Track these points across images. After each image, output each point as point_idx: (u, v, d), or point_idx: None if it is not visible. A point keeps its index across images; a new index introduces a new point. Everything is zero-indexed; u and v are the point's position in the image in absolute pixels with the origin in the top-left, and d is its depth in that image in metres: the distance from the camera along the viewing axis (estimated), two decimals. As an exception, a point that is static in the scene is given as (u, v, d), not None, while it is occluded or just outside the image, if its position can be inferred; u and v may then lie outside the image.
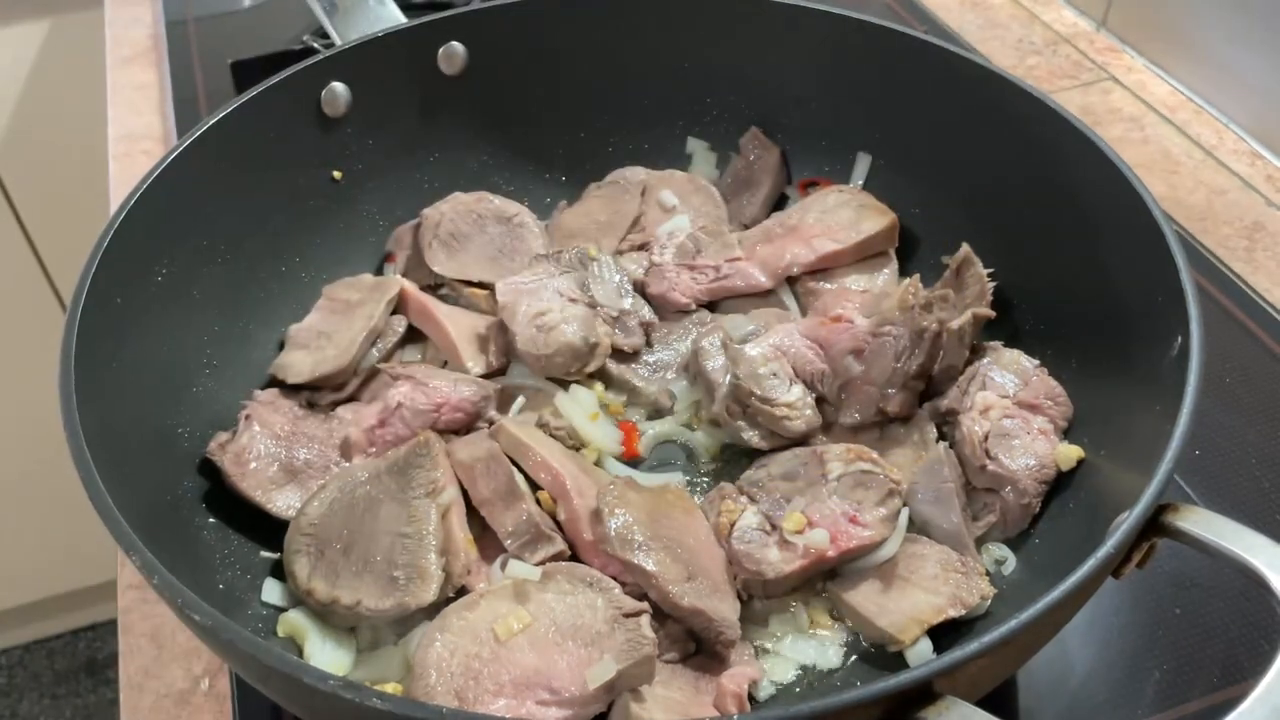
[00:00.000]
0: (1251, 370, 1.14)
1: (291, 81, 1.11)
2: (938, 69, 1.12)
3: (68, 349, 0.82)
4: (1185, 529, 0.70)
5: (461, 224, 1.18)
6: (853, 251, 1.15)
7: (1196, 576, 0.95)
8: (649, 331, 1.11)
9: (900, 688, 0.60)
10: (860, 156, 1.24)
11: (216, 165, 1.05)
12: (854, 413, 1.01)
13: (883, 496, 0.91)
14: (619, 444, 1.04)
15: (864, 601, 0.88)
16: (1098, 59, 1.61)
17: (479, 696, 0.78)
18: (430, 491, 0.90)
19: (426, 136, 1.24)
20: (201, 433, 0.97)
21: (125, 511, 0.72)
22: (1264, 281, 1.24)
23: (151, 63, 1.70)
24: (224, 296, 1.06)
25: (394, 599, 0.85)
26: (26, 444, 2.44)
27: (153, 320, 0.96)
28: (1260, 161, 1.41)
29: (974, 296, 1.03)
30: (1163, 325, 0.85)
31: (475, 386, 1.01)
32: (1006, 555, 0.92)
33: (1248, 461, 1.05)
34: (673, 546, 0.88)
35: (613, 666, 0.78)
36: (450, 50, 1.22)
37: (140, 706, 0.92)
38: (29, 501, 2.56)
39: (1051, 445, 0.93)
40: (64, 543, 2.62)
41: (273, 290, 1.12)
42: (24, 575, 2.76)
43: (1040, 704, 0.88)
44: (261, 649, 0.65)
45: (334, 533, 0.89)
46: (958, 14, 1.73)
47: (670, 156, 1.31)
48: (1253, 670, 0.89)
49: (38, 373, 1.81)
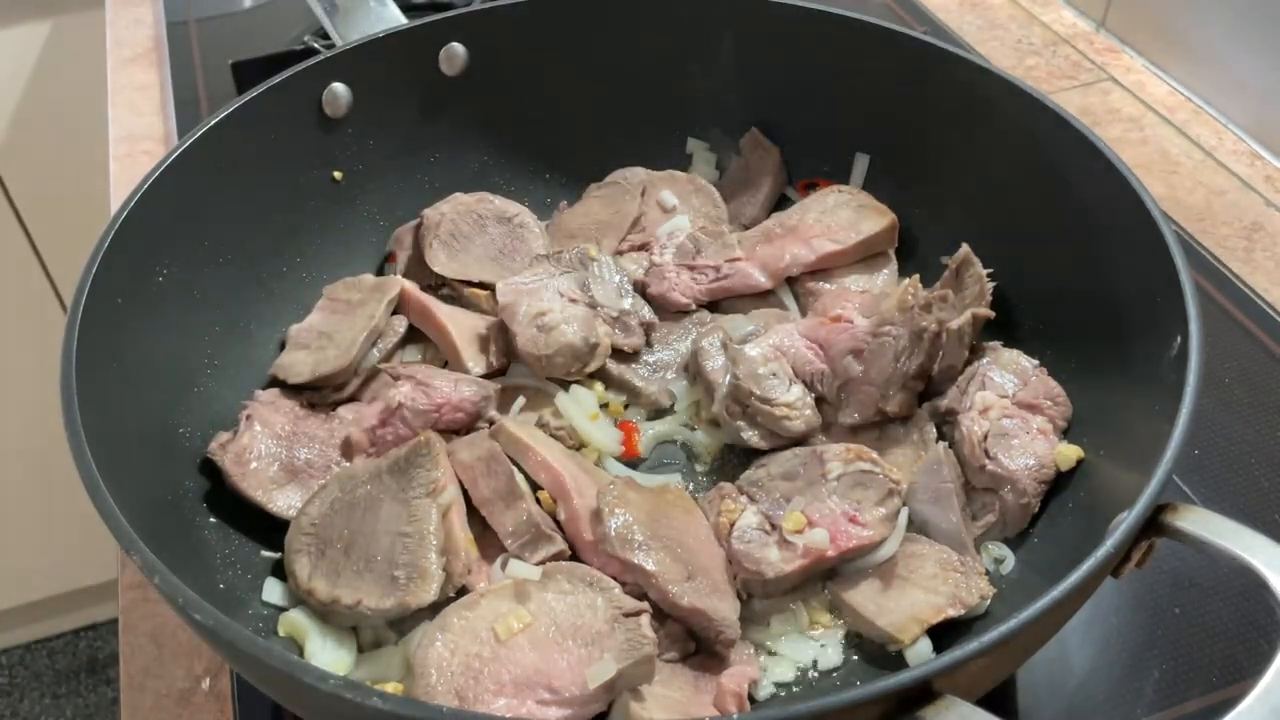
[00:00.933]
0: (1251, 370, 1.14)
1: (292, 82, 1.12)
2: (938, 69, 1.12)
3: (69, 349, 0.82)
4: (1184, 529, 0.70)
5: (462, 224, 1.18)
6: (852, 252, 1.15)
7: (1196, 576, 0.95)
8: (649, 331, 1.12)
9: (900, 687, 0.60)
10: (859, 157, 1.24)
11: (217, 166, 1.05)
12: (854, 413, 1.01)
13: (882, 496, 0.91)
14: (619, 444, 1.04)
15: (863, 601, 0.88)
16: (1097, 59, 1.61)
17: (479, 696, 0.78)
18: (431, 491, 0.91)
19: (427, 137, 1.24)
20: (202, 432, 0.97)
21: (126, 511, 0.73)
22: (1263, 281, 1.24)
23: (152, 63, 1.70)
24: (225, 297, 1.06)
25: (395, 599, 0.85)
26: (27, 444, 2.44)
27: (154, 320, 0.96)
28: (1259, 162, 1.41)
29: (973, 297, 1.03)
30: (1162, 325, 0.85)
31: (476, 386, 1.02)
32: (1005, 554, 0.92)
33: (1247, 461, 1.05)
34: (673, 546, 0.88)
35: (613, 666, 0.78)
36: (451, 51, 1.22)
37: (141, 706, 0.92)
38: (30, 501, 2.56)
39: (1051, 445, 0.93)
40: (65, 542, 2.62)
41: (273, 290, 1.12)
42: (25, 575, 2.76)
43: (1040, 703, 0.88)
44: (262, 649, 0.65)
45: (335, 532, 0.90)
46: (957, 14, 1.73)
47: (670, 156, 1.31)
48: (1252, 670, 0.89)
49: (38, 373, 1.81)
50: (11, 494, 2.57)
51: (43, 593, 2.84)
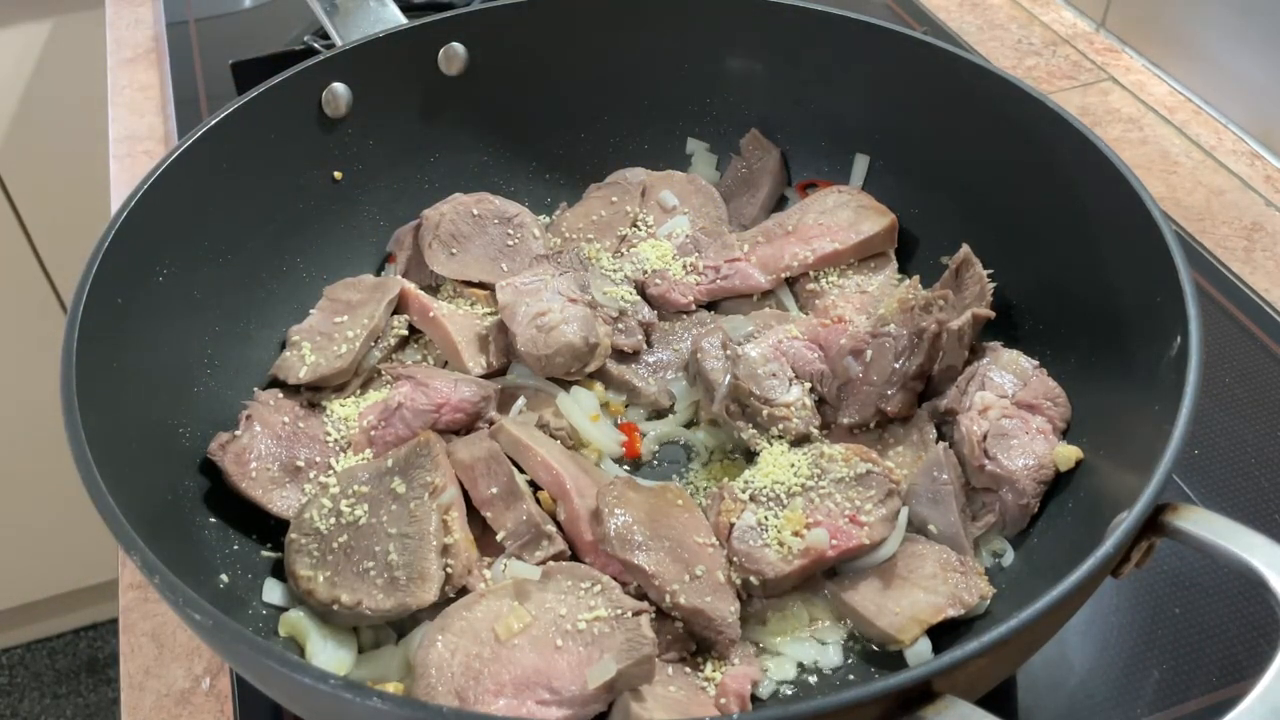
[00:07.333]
0: (1250, 370, 1.14)
1: (292, 82, 1.12)
2: (937, 70, 1.12)
3: (69, 349, 0.82)
4: (1184, 529, 0.70)
5: (462, 224, 1.18)
6: (852, 252, 1.15)
7: (1195, 576, 0.95)
8: (649, 331, 1.12)
9: (900, 687, 0.60)
10: (859, 157, 1.24)
11: (217, 166, 1.05)
12: (854, 413, 1.01)
13: (882, 496, 0.91)
14: (619, 444, 1.04)
15: (863, 601, 0.88)
16: (1097, 59, 1.61)
17: (480, 696, 0.78)
18: (431, 492, 0.91)
19: (427, 137, 1.24)
20: (202, 432, 0.97)
21: (126, 511, 0.73)
22: (1263, 281, 1.24)
23: (153, 63, 1.70)
24: (225, 297, 1.06)
25: (395, 599, 0.85)
26: (27, 444, 2.44)
27: (154, 321, 0.96)
28: (1259, 162, 1.42)
29: (973, 297, 1.03)
30: (1161, 325, 0.85)
31: (476, 387, 1.02)
32: (1005, 548, 0.93)
33: (1246, 461, 1.05)
34: (673, 546, 0.88)
35: (613, 666, 0.78)
36: (451, 51, 1.22)
37: (141, 706, 0.92)
38: (30, 501, 2.56)
39: (1050, 445, 0.94)
40: (65, 542, 2.62)
41: (274, 291, 1.12)
42: (25, 575, 2.76)
43: (1039, 703, 0.89)
44: (262, 649, 0.65)
45: (335, 533, 0.90)
46: (957, 15, 1.73)
47: (670, 157, 1.31)
48: (1251, 670, 0.89)
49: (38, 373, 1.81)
50: (12, 494, 2.57)
51: (43, 593, 2.84)
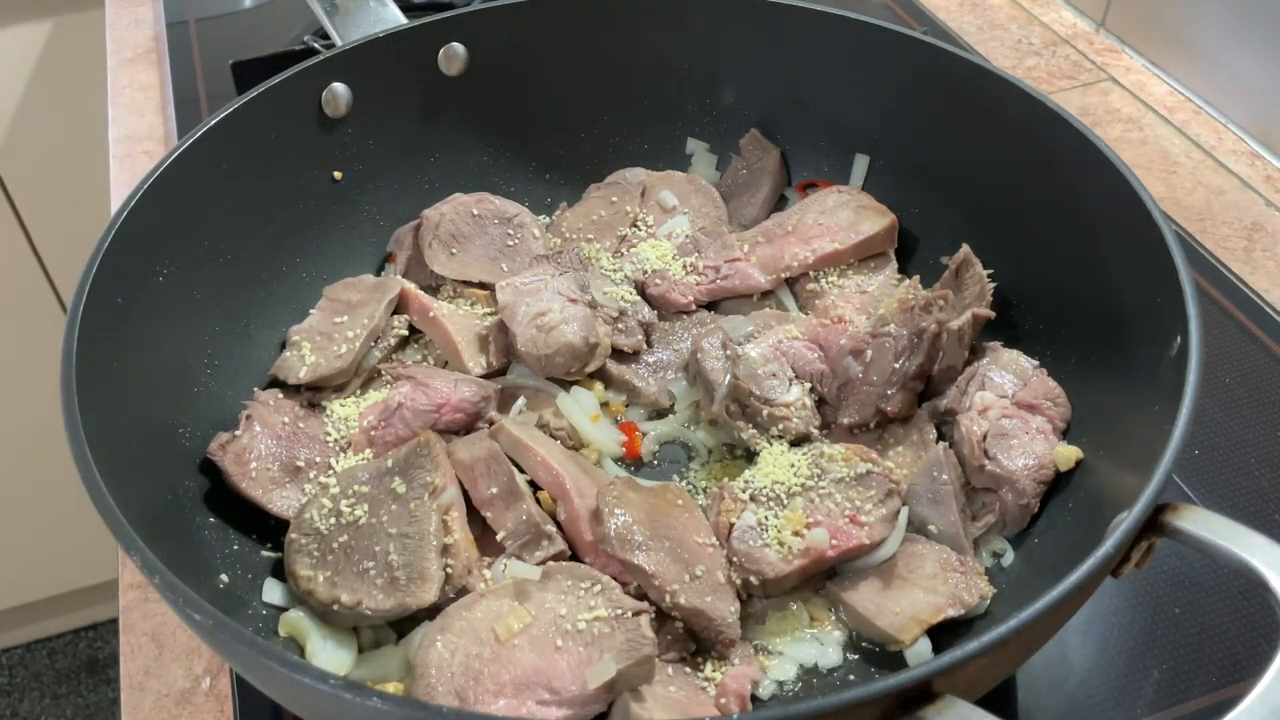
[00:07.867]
0: (1250, 370, 1.14)
1: (292, 82, 1.12)
2: (937, 70, 1.12)
3: (69, 349, 0.82)
4: (1184, 529, 0.70)
5: (462, 224, 1.18)
6: (852, 252, 1.15)
7: (1195, 576, 0.95)
8: (649, 331, 1.12)
9: (900, 687, 0.60)
10: (859, 157, 1.24)
11: (217, 166, 1.05)
12: (854, 413, 1.01)
13: (882, 496, 0.91)
14: (620, 444, 1.04)
15: (863, 601, 0.88)
16: (1097, 59, 1.61)
17: (479, 696, 0.78)
18: (431, 492, 0.91)
19: (427, 137, 1.24)
20: (202, 432, 0.97)
21: (126, 511, 0.73)
22: (1263, 281, 1.24)
23: (153, 63, 1.70)
24: (225, 297, 1.06)
25: (395, 599, 0.85)
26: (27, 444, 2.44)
27: (154, 321, 0.96)
28: (1259, 162, 1.42)
29: (973, 297, 1.03)
30: (1161, 325, 0.85)
31: (476, 387, 1.02)
32: (1005, 548, 0.93)
33: (1247, 461, 1.05)
34: (673, 546, 0.88)
35: (613, 666, 0.78)
36: (451, 51, 1.22)
37: (141, 706, 0.92)
38: (30, 501, 2.56)
39: (1050, 445, 0.93)
40: (65, 542, 2.62)
41: (274, 291, 1.12)
42: (25, 575, 2.76)
43: (1039, 703, 0.89)
44: (262, 649, 0.65)
45: (335, 533, 0.90)
46: (957, 14, 1.73)
47: (670, 157, 1.31)
48: (1251, 670, 0.89)
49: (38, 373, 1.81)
50: (12, 494, 2.57)
51: (43, 592, 2.84)
